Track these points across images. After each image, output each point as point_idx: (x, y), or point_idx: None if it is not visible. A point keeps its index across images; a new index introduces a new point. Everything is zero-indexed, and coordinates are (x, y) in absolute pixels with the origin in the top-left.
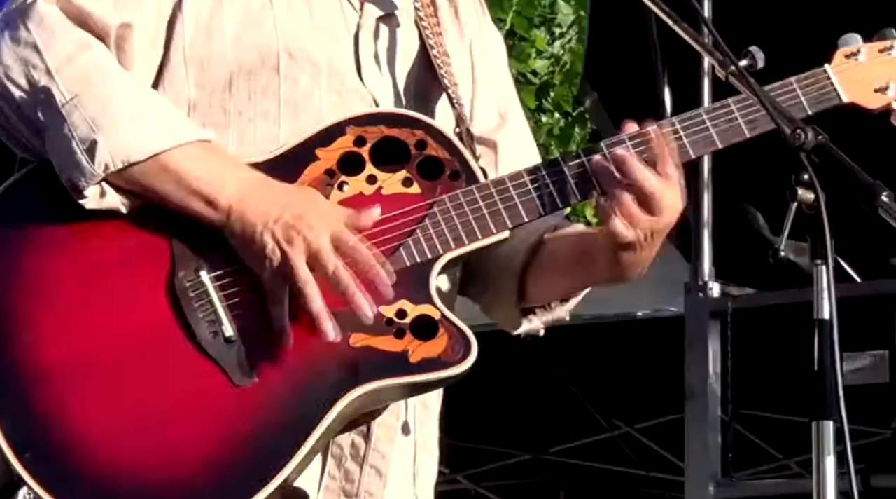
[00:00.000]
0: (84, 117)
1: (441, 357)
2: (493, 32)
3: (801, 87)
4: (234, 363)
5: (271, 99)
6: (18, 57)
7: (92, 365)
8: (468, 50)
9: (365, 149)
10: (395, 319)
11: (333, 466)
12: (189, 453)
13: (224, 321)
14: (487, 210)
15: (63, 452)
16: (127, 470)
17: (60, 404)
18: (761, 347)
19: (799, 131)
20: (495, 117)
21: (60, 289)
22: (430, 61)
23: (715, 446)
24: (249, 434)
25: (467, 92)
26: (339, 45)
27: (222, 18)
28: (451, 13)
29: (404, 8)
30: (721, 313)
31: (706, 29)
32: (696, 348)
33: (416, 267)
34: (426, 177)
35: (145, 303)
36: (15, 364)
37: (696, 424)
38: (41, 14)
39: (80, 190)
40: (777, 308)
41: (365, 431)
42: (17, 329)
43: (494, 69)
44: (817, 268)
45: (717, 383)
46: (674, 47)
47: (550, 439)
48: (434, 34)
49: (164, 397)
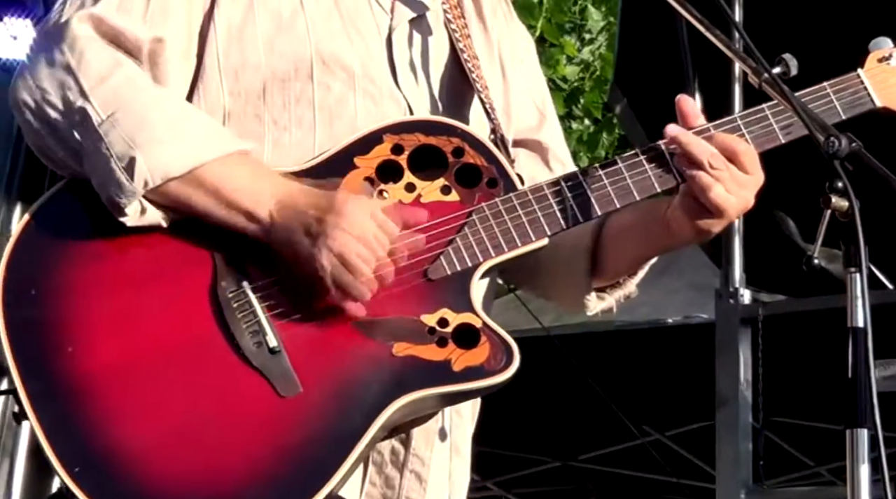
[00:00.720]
0: (121, 135)
1: (484, 366)
2: (521, 30)
3: (834, 92)
4: (278, 374)
5: (306, 106)
6: (54, 79)
7: (136, 378)
8: (496, 50)
9: (403, 157)
10: (437, 328)
11: (374, 472)
12: (235, 465)
13: (268, 332)
14: (526, 218)
15: (110, 465)
16: (173, 483)
17: (106, 418)
18: (792, 354)
19: (833, 139)
20: (535, 114)
21: (101, 302)
22: (461, 65)
23: (746, 453)
24: (295, 446)
25: (498, 94)
26: (371, 50)
27: (254, 26)
28: (475, 13)
29: (434, 10)
30: (752, 320)
31: (738, 35)
32: (726, 355)
33: (457, 275)
34: (464, 185)
35: (188, 315)
36: (60, 378)
37: (726, 431)
38: (74, 35)
39: (121, 208)
40: (808, 315)
41: (404, 437)
42: (60, 343)
43: (526, 67)
44: (851, 276)
45: (748, 389)
46: (705, 53)
47: (580, 446)
48: (463, 36)
49: (210, 409)
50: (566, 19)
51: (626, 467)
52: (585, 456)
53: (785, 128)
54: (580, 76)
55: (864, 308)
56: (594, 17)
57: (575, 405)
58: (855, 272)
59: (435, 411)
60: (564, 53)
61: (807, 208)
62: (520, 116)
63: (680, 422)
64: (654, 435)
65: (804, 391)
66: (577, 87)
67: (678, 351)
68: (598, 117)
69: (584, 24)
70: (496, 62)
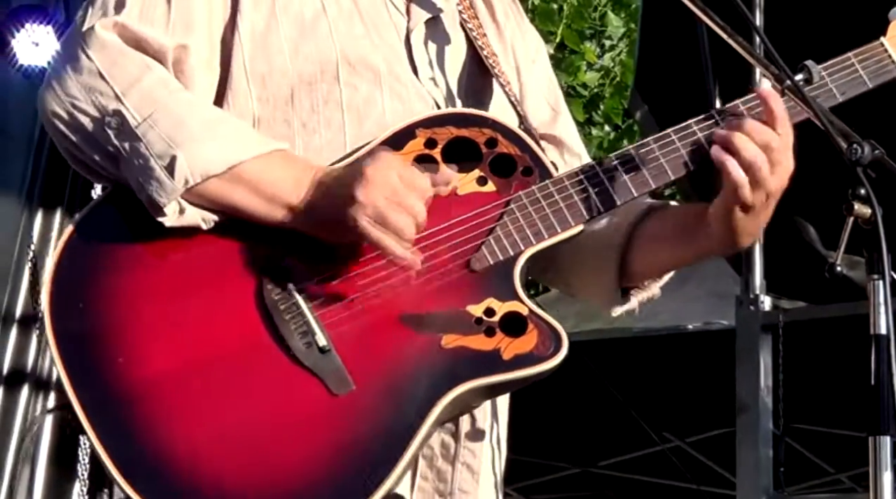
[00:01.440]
0: (160, 135)
1: (533, 352)
2: (531, 31)
3: (859, 61)
4: (330, 373)
5: (334, 108)
6: (83, 86)
7: (188, 384)
8: (510, 51)
9: (436, 151)
10: (485, 318)
11: (425, 466)
12: (291, 466)
13: (317, 331)
14: (564, 203)
15: (168, 470)
16: (228, 485)
17: (161, 424)
18: (813, 361)
19: (855, 146)
20: (548, 111)
21: (148, 310)
22: (480, 61)
23: (766, 460)
24: (351, 444)
25: (516, 90)
26: (393, 50)
27: (278, 32)
28: (489, 15)
29: (448, 10)
30: (772, 327)
31: (759, 40)
32: (747, 362)
33: (500, 264)
34: (500, 174)
35: (235, 319)
36: (112, 388)
37: (747, 438)
38: (100, 41)
39: (161, 207)
40: (829, 322)
41: (453, 429)
42: (110, 353)
43: (538, 67)
44: (873, 283)
45: (768, 396)
46: (726, 59)
47: (600, 453)
48: (480, 35)
49: (262, 410)
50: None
51: (645, 474)
52: (605, 463)
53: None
54: (600, 83)
55: (887, 315)
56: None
57: (594, 412)
58: (878, 279)
59: (484, 400)
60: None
61: (827, 215)
62: (534, 113)
63: (700, 428)
64: (674, 442)
65: (825, 398)
66: (597, 94)
67: (698, 357)
68: (619, 124)
69: (604, 31)
70: (511, 62)
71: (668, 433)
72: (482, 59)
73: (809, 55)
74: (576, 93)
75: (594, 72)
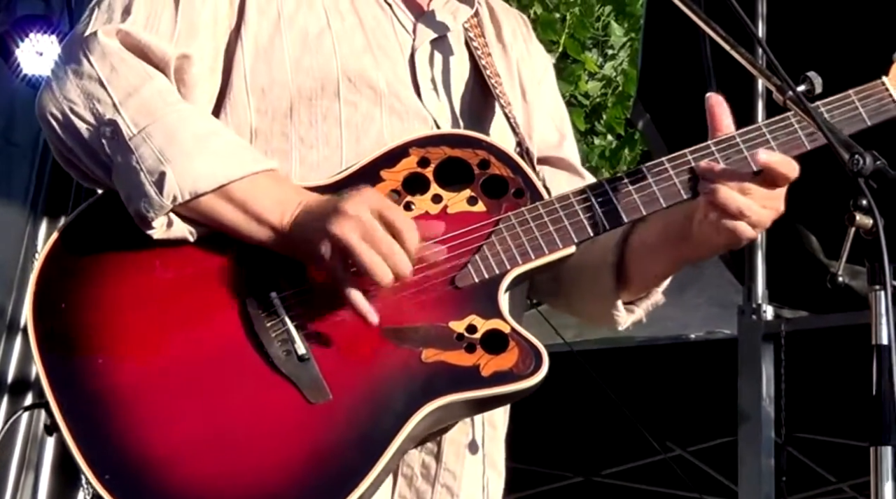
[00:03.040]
0: (152, 150)
1: (513, 370)
2: (539, 51)
3: (859, 99)
4: (307, 381)
5: (333, 124)
6: (82, 91)
7: (166, 388)
8: (515, 71)
9: (429, 170)
10: (466, 334)
11: (404, 485)
12: (264, 471)
13: (296, 340)
14: (553, 226)
15: (141, 472)
16: (203, 489)
17: (136, 427)
18: (815, 371)
19: (857, 156)
20: (555, 134)
21: (130, 315)
22: (483, 82)
23: (768, 469)
24: (325, 452)
25: (519, 111)
26: (396, 68)
27: (281, 45)
28: (495, 35)
29: (455, 30)
30: (774, 336)
31: (761, 51)
32: (749, 371)
33: (485, 283)
34: (491, 195)
35: (217, 325)
36: (90, 389)
37: (749, 447)
38: (102, 47)
39: (149, 221)
40: (831, 331)
41: (435, 450)
42: (90, 355)
43: (545, 88)
44: (875, 293)
45: (770, 405)
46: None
47: (603, 462)
48: (485, 55)
49: (240, 417)
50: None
51: (648, 483)
52: (608, 471)
53: (810, 135)
54: (602, 92)
55: (888, 325)
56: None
57: (597, 421)
58: (879, 290)
59: (464, 417)
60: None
61: (829, 225)
62: (541, 136)
63: (702, 438)
64: (676, 451)
65: (827, 408)
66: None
67: (700, 367)
68: (621, 133)
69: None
70: (516, 83)
71: (670, 442)
72: (485, 80)
73: (812, 67)
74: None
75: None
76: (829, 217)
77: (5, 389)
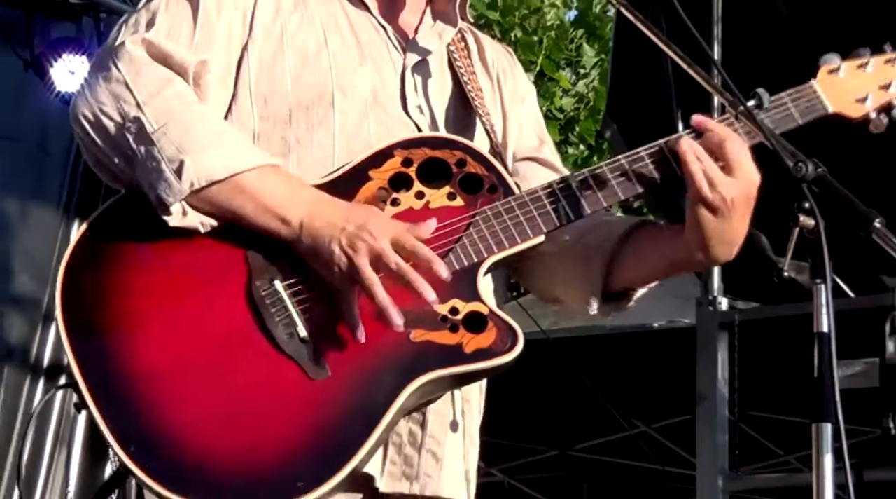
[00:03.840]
0: (172, 142)
1: (492, 347)
2: (524, 78)
3: (791, 100)
4: (309, 360)
5: (327, 129)
6: (111, 93)
7: (183, 367)
8: (496, 87)
9: (412, 169)
10: (449, 316)
11: (394, 452)
12: (273, 440)
13: (298, 324)
14: (524, 217)
15: (163, 443)
16: (218, 457)
17: (157, 403)
18: (765, 356)
19: (801, 164)
20: (535, 139)
21: (150, 302)
22: (465, 97)
23: (723, 443)
24: (326, 423)
25: (498, 121)
26: (386, 83)
27: (283, 60)
28: (478, 57)
29: (440, 52)
30: (729, 325)
31: (716, 71)
32: (706, 356)
33: (465, 270)
34: (468, 191)
35: (227, 310)
36: (114, 370)
37: (706, 424)
38: (129, 55)
39: (167, 206)
40: (779, 320)
41: (421, 420)
42: (114, 339)
43: (527, 105)
44: (817, 286)
45: (725, 387)
46: (687, 86)
47: (575, 437)
48: (468, 72)
49: (249, 392)
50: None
51: (616, 456)
52: (580, 446)
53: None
54: (575, 107)
55: (828, 315)
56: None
57: (571, 401)
58: (820, 283)
59: (449, 390)
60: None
61: (777, 225)
62: (521, 142)
63: (664, 415)
64: (641, 427)
65: (775, 388)
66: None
67: (663, 352)
68: (592, 143)
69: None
70: (497, 98)
71: (636, 420)
72: (466, 94)
73: (761, 83)
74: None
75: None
76: (776, 219)
77: (41, 372)
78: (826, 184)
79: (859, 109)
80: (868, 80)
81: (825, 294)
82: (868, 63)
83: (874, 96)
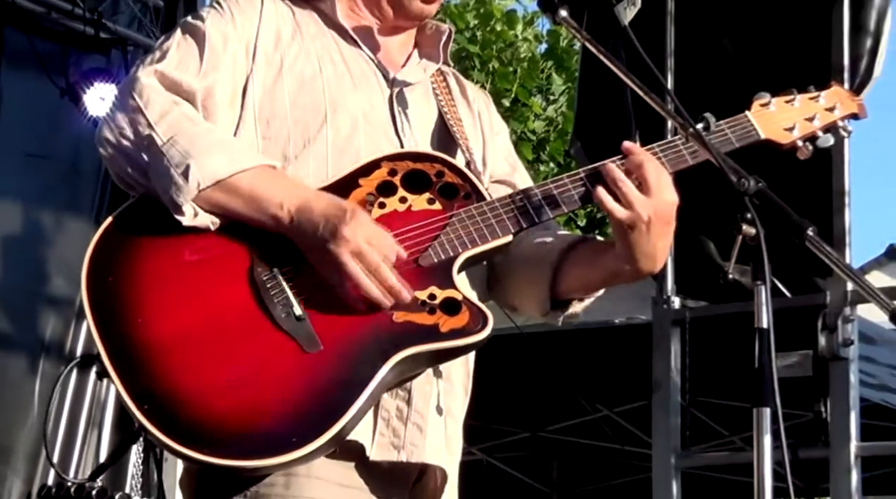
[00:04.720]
0: (178, 151)
1: (465, 328)
2: (497, 117)
3: (729, 128)
4: (303, 336)
5: (321, 144)
6: (127, 118)
7: (193, 340)
8: (477, 119)
9: (397, 178)
10: (428, 301)
11: (383, 426)
12: (271, 404)
13: (294, 304)
14: (494, 219)
15: (173, 404)
16: (223, 416)
17: (170, 369)
18: (712, 348)
19: (743, 180)
20: (507, 167)
21: (164, 285)
22: (445, 124)
23: (676, 425)
24: (317, 390)
25: (478, 147)
26: (375, 106)
27: (282, 86)
28: (459, 92)
29: (423, 83)
30: (681, 321)
31: (669, 98)
32: (661, 349)
33: (442, 263)
34: (445, 197)
35: (232, 292)
36: (133, 341)
37: (660, 408)
38: (142, 85)
39: (180, 207)
40: (724, 317)
41: (406, 397)
42: (132, 316)
43: (501, 138)
44: (757, 287)
45: (677, 376)
46: (644, 112)
47: (546, 420)
48: (448, 103)
49: (251, 362)
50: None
51: (582, 437)
52: (550, 428)
53: (693, 154)
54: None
55: (767, 313)
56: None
57: (542, 388)
58: (760, 284)
59: (426, 367)
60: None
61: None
62: (496, 166)
63: (624, 401)
64: (604, 411)
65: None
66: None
67: (623, 346)
68: (561, 162)
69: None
70: (478, 128)
71: (599, 405)
72: (446, 122)
73: (708, 109)
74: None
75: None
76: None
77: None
78: (766, 197)
79: (787, 137)
80: (795, 113)
81: (765, 294)
82: (795, 99)
83: (800, 126)
